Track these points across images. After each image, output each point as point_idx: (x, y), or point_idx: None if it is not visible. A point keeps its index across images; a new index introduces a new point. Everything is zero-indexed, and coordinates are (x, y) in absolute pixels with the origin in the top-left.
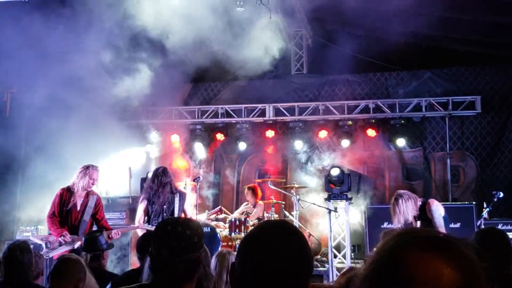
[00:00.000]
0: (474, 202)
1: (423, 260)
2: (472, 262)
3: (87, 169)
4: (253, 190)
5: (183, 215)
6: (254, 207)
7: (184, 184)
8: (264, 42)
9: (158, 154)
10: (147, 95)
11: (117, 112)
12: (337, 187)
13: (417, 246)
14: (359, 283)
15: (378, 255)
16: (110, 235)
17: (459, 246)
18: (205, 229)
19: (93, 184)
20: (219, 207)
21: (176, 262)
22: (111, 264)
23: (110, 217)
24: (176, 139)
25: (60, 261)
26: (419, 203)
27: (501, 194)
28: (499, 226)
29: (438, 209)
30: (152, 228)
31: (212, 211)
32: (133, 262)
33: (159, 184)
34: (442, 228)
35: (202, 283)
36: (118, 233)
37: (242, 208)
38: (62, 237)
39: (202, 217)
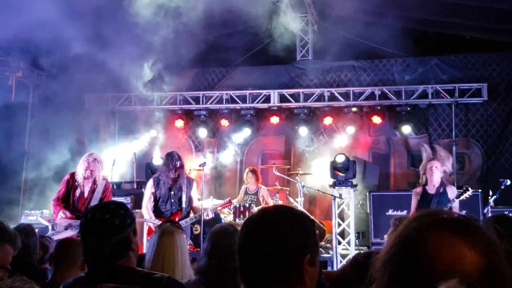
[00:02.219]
0: (479, 190)
1: (446, 242)
2: (495, 245)
3: (84, 159)
4: (255, 173)
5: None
6: (256, 191)
7: (188, 170)
8: (269, 27)
9: (163, 140)
10: (152, 80)
11: (121, 98)
12: (342, 174)
13: (440, 228)
14: (380, 266)
15: (400, 237)
16: None
17: (482, 228)
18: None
19: (90, 174)
20: (229, 199)
21: (101, 246)
22: None
23: None
24: (180, 125)
25: (61, 243)
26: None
27: (508, 182)
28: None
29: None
30: (157, 223)
31: (221, 203)
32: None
33: (173, 168)
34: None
35: (226, 262)
36: None
37: (242, 193)
38: (62, 213)
39: (207, 203)
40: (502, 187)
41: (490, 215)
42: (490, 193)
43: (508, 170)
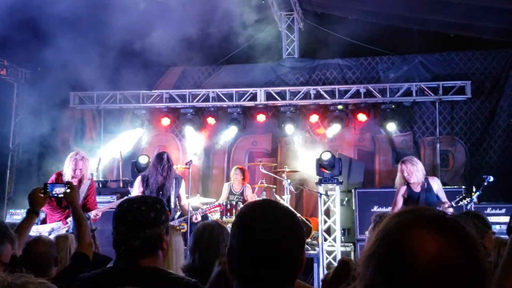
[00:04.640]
0: (463, 187)
1: (426, 238)
2: (474, 241)
3: (71, 158)
4: (244, 172)
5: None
6: (241, 191)
7: (175, 168)
8: (255, 25)
9: (149, 138)
10: (138, 79)
11: (107, 96)
12: (328, 171)
13: (420, 224)
14: (363, 261)
15: (381, 233)
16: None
17: (461, 224)
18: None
19: (78, 174)
20: (218, 203)
21: (132, 238)
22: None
23: (101, 200)
24: (167, 123)
25: (29, 243)
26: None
27: (491, 178)
28: (488, 210)
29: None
30: None
31: (210, 206)
32: None
33: (163, 169)
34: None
35: (209, 257)
36: (98, 214)
37: (226, 191)
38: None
39: (194, 201)
40: (485, 183)
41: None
42: (474, 189)
43: (491, 167)
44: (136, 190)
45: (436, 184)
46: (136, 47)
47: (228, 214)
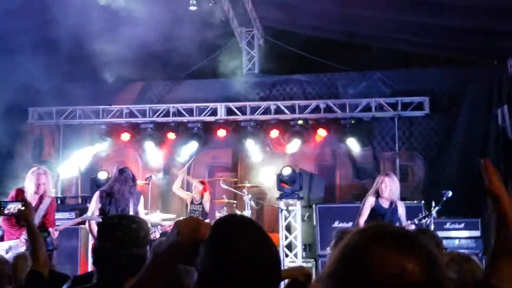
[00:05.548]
0: (422, 202)
1: (388, 255)
2: (434, 257)
3: (33, 173)
4: (203, 183)
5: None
6: (200, 201)
7: None
8: (216, 41)
9: (109, 154)
10: (98, 94)
11: (66, 111)
12: (289, 186)
13: (382, 242)
14: (325, 281)
15: (343, 251)
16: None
17: (423, 242)
18: (156, 229)
19: (41, 188)
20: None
21: (119, 255)
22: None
23: (59, 217)
24: (127, 138)
25: None
26: None
27: (450, 193)
28: (447, 225)
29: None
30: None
31: (169, 224)
32: (82, 265)
33: (127, 184)
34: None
35: None
36: (55, 231)
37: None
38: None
39: (154, 217)
40: (444, 198)
41: (432, 226)
42: (433, 204)
43: (450, 181)
44: (93, 205)
45: (401, 208)
46: (96, 62)
47: None
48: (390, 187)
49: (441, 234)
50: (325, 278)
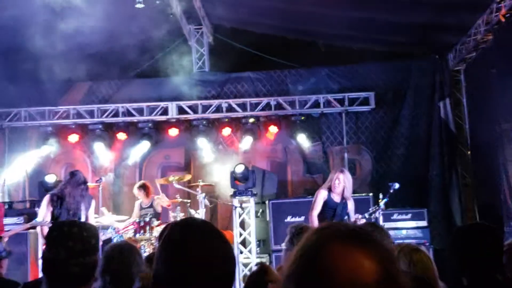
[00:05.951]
0: (370, 194)
1: (344, 252)
2: (390, 253)
3: None
4: (145, 188)
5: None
6: (150, 204)
7: None
8: (165, 39)
9: (57, 156)
10: (43, 95)
11: (10, 114)
12: (242, 184)
13: (338, 240)
14: (284, 282)
15: (300, 251)
16: None
17: (378, 238)
18: (108, 231)
19: None
20: (133, 220)
21: (72, 264)
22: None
23: (7, 222)
24: (75, 140)
25: None
26: None
27: (397, 185)
28: (395, 216)
29: None
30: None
31: (126, 224)
32: (32, 271)
33: (79, 187)
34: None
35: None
36: (4, 238)
37: (137, 208)
38: None
39: (106, 219)
40: (391, 190)
41: (381, 218)
42: (381, 196)
43: (396, 174)
44: (44, 209)
45: (351, 204)
46: (40, 63)
47: (142, 231)
48: (344, 184)
49: (388, 225)
50: (284, 280)
